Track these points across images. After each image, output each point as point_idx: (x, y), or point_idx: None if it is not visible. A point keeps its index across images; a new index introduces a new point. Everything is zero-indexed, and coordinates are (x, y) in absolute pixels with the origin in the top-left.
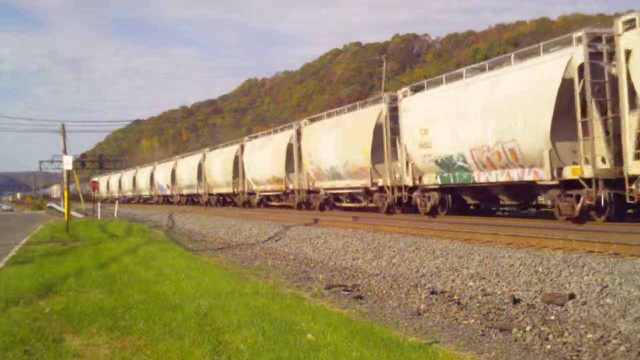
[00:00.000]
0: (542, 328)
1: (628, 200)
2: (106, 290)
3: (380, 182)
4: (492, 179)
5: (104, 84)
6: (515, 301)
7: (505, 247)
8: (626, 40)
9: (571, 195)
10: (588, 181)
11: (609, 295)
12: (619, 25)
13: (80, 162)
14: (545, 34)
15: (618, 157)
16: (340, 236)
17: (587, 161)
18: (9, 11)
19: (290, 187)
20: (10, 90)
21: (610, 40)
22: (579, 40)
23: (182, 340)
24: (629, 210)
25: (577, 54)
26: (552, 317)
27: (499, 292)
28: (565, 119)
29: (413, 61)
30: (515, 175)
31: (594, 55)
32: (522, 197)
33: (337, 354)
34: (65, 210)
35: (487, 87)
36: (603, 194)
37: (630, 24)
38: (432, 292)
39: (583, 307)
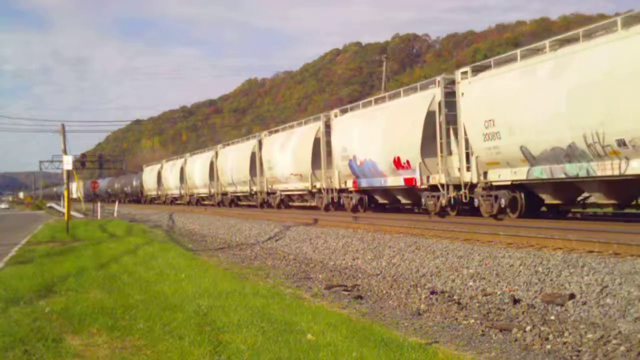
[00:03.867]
0: (542, 328)
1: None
2: (106, 290)
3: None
4: None
5: (105, 84)
6: (515, 301)
7: (505, 247)
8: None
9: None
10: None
11: (609, 295)
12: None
13: (80, 162)
14: (546, 33)
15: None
16: (340, 236)
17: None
18: (10, 11)
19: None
20: (11, 90)
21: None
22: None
23: (182, 340)
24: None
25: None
26: (552, 317)
27: (499, 292)
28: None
29: (413, 61)
30: None
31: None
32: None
33: (337, 354)
34: (65, 210)
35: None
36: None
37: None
38: (432, 292)
39: (583, 307)
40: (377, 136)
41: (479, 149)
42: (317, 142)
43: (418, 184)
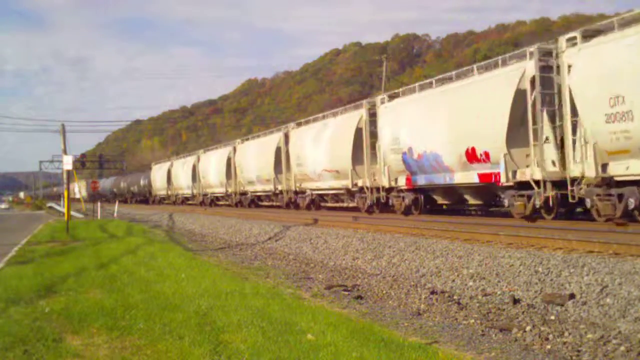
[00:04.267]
0: (542, 328)
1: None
2: (106, 290)
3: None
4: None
5: (105, 84)
6: (515, 301)
7: (505, 247)
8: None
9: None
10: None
11: (609, 295)
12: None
13: (81, 162)
14: (546, 33)
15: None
16: (340, 236)
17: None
18: (10, 11)
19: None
20: (11, 90)
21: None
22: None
23: (182, 340)
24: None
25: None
26: (552, 317)
27: (499, 292)
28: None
29: (413, 61)
30: None
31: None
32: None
33: (337, 354)
34: (65, 210)
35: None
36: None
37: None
38: (432, 292)
39: (583, 307)
40: (442, 124)
41: (599, 133)
42: (358, 133)
43: (503, 180)
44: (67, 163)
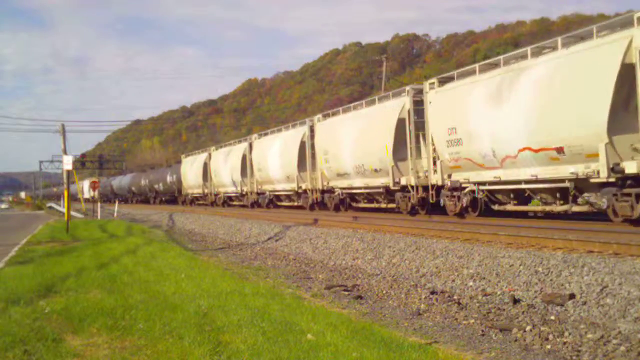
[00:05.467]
0: (542, 328)
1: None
2: (106, 290)
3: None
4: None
5: (106, 84)
6: (515, 301)
7: (505, 247)
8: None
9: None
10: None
11: (609, 295)
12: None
13: (80, 162)
14: (546, 33)
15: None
16: (340, 236)
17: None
18: (11, 10)
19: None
20: (11, 90)
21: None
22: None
23: (182, 340)
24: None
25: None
26: (552, 317)
27: (499, 292)
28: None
29: (413, 61)
30: None
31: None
32: None
33: (337, 354)
34: (65, 210)
35: None
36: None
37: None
38: (432, 292)
39: (583, 307)
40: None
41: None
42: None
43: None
44: (67, 163)
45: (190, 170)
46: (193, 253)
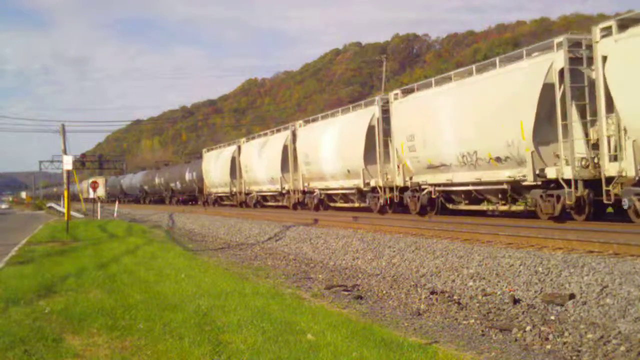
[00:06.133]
0: (542, 328)
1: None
2: (106, 291)
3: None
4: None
5: (106, 84)
6: (515, 301)
7: (505, 247)
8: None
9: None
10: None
11: (609, 295)
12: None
13: (81, 162)
14: (546, 34)
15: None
16: (340, 236)
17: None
18: (11, 10)
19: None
20: (12, 90)
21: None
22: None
23: (182, 340)
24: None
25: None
26: (552, 317)
27: (499, 292)
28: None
29: (413, 61)
30: None
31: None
32: None
33: (337, 354)
34: (65, 210)
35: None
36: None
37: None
38: (432, 292)
39: (583, 307)
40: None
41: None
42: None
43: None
44: (67, 163)
45: (214, 167)
46: (193, 253)
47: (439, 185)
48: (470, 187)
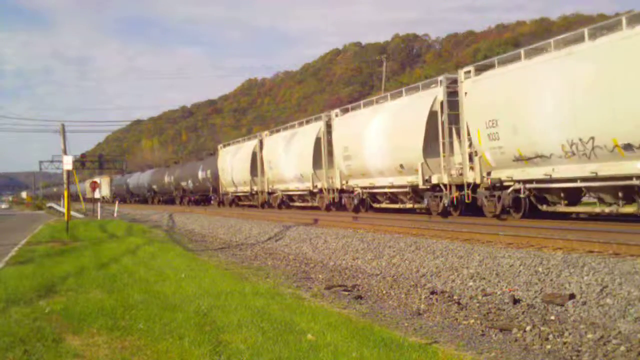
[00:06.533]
0: (542, 328)
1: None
2: (106, 291)
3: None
4: None
5: (106, 84)
6: (515, 301)
7: (505, 247)
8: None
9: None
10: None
11: (609, 295)
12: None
13: (80, 162)
14: (546, 34)
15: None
16: (340, 236)
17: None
18: (11, 10)
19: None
20: (12, 90)
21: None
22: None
23: (182, 340)
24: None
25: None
26: (552, 317)
27: (499, 292)
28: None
29: (413, 61)
30: None
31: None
32: None
33: (337, 354)
34: (65, 210)
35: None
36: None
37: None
38: (432, 292)
39: (583, 307)
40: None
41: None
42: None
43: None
44: (67, 163)
45: (231, 163)
46: (193, 253)
47: (530, 181)
48: (579, 184)
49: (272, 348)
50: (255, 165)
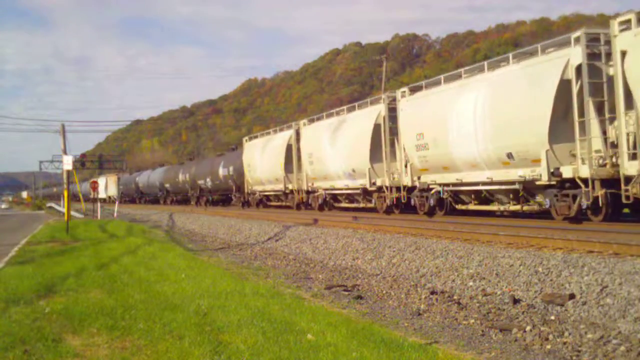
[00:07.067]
0: (542, 328)
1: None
2: (106, 291)
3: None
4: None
5: (106, 84)
6: (515, 301)
7: (505, 247)
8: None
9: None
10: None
11: (609, 295)
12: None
13: (80, 162)
14: (546, 33)
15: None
16: (340, 236)
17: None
18: (11, 10)
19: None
20: (12, 89)
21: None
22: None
23: (182, 340)
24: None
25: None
26: (552, 317)
27: (499, 292)
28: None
29: (413, 61)
30: None
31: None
32: None
33: (337, 354)
34: (65, 210)
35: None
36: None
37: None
38: (432, 292)
39: (583, 307)
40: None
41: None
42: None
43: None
44: (67, 163)
45: (260, 158)
46: (193, 253)
47: (448, 184)
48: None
49: (272, 348)
50: (290, 159)
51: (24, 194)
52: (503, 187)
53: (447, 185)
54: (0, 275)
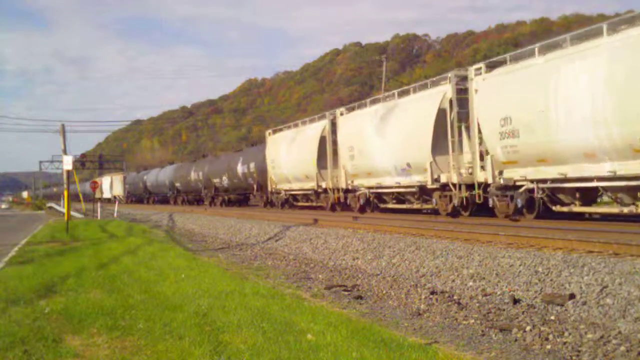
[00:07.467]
0: (542, 328)
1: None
2: (106, 291)
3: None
4: None
5: (106, 84)
6: (515, 301)
7: (505, 247)
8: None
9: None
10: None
11: (609, 295)
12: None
13: (80, 162)
14: (546, 34)
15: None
16: (340, 236)
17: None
18: (12, 10)
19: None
20: (12, 90)
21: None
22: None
23: (182, 340)
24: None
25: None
26: (552, 317)
27: (499, 292)
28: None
29: (413, 61)
30: None
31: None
32: None
33: (337, 354)
34: (65, 210)
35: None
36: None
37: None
38: (432, 292)
39: (583, 307)
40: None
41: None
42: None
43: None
44: (67, 163)
45: (287, 153)
46: (193, 253)
47: (544, 181)
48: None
49: (272, 348)
50: (323, 154)
51: (24, 194)
52: (632, 183)
53: (544, 181)
54: (0, 275)
